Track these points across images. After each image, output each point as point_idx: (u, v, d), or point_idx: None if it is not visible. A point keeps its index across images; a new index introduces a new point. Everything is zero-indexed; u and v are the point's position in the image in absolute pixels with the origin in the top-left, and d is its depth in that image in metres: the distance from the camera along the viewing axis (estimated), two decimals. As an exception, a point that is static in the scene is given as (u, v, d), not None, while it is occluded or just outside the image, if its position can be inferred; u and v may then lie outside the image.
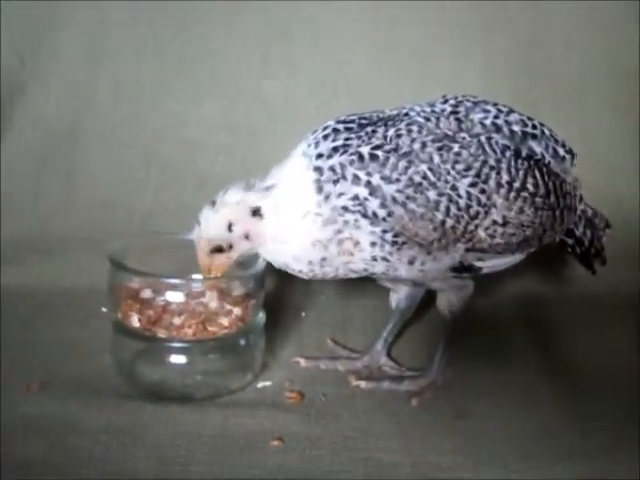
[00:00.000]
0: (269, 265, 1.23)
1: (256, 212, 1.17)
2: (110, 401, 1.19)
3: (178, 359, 1.21)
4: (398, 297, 1.34)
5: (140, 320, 1.21)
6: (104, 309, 1.44)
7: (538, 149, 1.22)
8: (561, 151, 1.24)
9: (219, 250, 1.18)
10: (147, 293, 1.24)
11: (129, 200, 1.67)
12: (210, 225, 1.18)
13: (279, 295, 1.51)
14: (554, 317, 1.54)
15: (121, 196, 1.67)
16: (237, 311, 1.24)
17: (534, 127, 1.23)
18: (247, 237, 1.18)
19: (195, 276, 1.28)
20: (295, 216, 1.15)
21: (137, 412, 1.17)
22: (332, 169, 1.13)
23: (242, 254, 1.20)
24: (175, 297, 1.22)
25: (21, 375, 1.25)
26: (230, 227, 1.17)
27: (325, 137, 1.16)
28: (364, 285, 1.38)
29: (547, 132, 1.24)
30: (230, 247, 1.18)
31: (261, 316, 1.29)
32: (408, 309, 1.35)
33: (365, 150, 1.13)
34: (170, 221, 1.58)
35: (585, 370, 1.34)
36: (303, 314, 1.53)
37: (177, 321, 1.20)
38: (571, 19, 1.72)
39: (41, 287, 1.55)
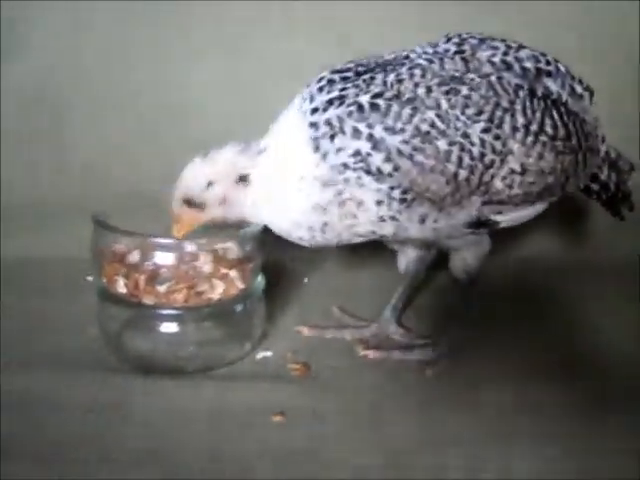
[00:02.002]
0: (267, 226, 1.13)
1: (243, 178, 1.07)
2: (96, 376, 1.10)
3: (169, 328, 1.11)
4: (407, 260, 1.23)
5: (127, 285, 1.11)
6: (89, 278, 1.35)
7: (554, 87, 1.12)
8: (579, 88, 1.14)
9: (190, 204, 1.08)
10: (135, 256, 1.14)
11: (120, 168, 1.55)
12: (190, 175, 1.08)
13: (278, 260, 1.40)
14: (573, 283, 1.44)
15: (113, 163, 1.56)
16: (234, 275, 1.14)
17: (548, 63, 1.12)
18: (224, 202, 1.08)
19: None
20: (291, 179, 1.05)
21: (125, 387, 1.08)
22: (328, 123, 1.03)
23: (216, 219, 1.10)
24: (165, 259, 1.12)
25: (5, 349, 1.15)
26: (209, 185, 1.07)
27: (320, 89, 1.06)
28: (370, 249, 1.27)
29: (562, 68, 1.14)
30: (202, 206, 1.08)
31: (260, 280, 1.19)
32: (418, 273, 1.25)
33: (364, 99, 1.02)
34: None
35: (605, 341, 1.25)
36: (305, 280, 1.43)
37: (165, 286, 1.10)
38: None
39: (32, 258, 1.45)
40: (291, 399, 1.06)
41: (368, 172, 1.02)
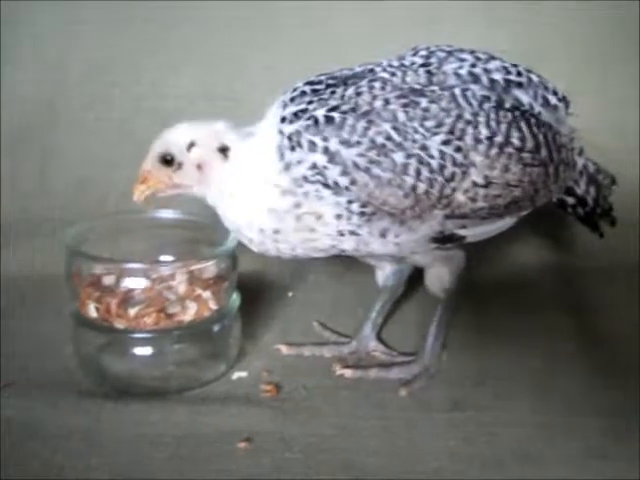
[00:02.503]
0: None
1: (223, 150, 1.07)
2: (69, 399, 1.09)
3: (141, 351, 1.11)
4: (384, 274, 1.21)
5: (97, 309, 1.11)
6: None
7: (525, 98, 1.08)
8: (552, 99, 1.11)
9: (166, 162, 1.08)
10: (110, 279, 1.14)
11: (106, 179, 1.56)
12: (175, 132, 1.09)
13: (262, 274, 1.39)
14: (563, 291, 1.39)
15: (98, 175, 1.57)
16: (207, 295, 1.13)
17: (519, 74, 1.10)
18: (199, 167, 1.07)
19: (164, 258, 1.19)
20: (255, 180, 1.05)
21: (96, 412, 1.07)
22: (289, 136, 1.02)
23: (184, 186, 1.10)
24: (136, 283, 1.12)
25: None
26: (191, 146, 1.07)
27: (292, 100, 1.06)
28: (356, 263, 1.25)
29: (535, 79, 1.10)
30: (179, 167, 1.08)
31: (235, 298, 1.18)
32: (397, 287, 1.22)
33: (320, 113, 1.01)
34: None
35: (603, 354, 1.20)
36: (290, 294, 1.41)
37: (135, 309, 1.10)
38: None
39: (16, 274, 1.46)
40: (260, 423, 1.04)
41: (326, 185, 1.01)
